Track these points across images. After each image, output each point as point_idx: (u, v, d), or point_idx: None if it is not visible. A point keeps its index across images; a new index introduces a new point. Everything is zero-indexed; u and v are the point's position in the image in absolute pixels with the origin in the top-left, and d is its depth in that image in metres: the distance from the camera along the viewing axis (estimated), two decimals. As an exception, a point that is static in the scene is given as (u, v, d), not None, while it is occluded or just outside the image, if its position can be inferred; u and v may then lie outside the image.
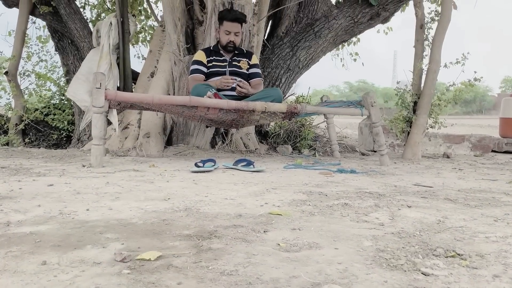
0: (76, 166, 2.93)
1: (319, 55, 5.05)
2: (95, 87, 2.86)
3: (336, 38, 5.04)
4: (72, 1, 4.60)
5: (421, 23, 3.89)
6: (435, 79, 3.87)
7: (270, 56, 4.83)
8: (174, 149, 4.12)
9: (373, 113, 3.34)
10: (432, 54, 3.83)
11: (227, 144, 4.33)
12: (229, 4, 3.92)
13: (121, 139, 4.28)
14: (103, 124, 2.93)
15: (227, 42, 3.69)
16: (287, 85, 4.93)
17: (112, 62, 4.35)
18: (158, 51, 4.63)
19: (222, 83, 3.48)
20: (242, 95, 3.56)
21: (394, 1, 4.98)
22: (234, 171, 2.69)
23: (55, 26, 4.84)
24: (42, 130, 4.92)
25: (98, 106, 2.88)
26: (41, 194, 1.76)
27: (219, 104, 3.10)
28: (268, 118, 3.44)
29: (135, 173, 2.51)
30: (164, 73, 4.38)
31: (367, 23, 5.09)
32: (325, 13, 4.96)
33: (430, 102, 3.91)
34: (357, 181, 2.41)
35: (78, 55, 4.86)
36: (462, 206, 1.75)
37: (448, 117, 12.58)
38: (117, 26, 4.37)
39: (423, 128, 3.94)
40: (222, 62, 3.72)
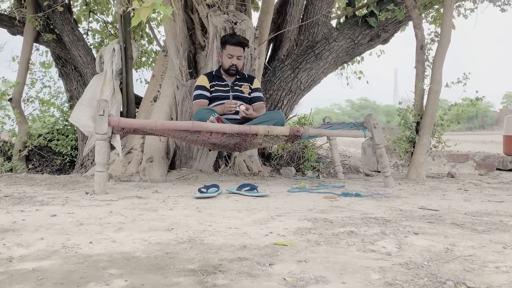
0: (79, 193, 2.92)
1: (320, 77, 5.08)
2: (98, 114, 2.87)
3: (337, 59, 5.08)
4: (75, 29, 4.67)
5: (421, 44, 3.92)
6: (437, 99, 3.88)
7: (271, 78, 4.86)
8: (178, 173, 4.11)
9: (376, 134, 3.33)
10: (433, 75, 3.84)
11: (230, 167, 4.32)
12: (230, 29, 3.97)
13: (124, 164, 4.27)
14: (106, 151, 2.93)
15: (230, 65, 3.71)
16: (289, 107, 4.95)
17: (115, 87, 4.39)
18: (161, 76, 4.67)
19: (226, 108, 3.49)
20: (245, 119, 3.58)
21: (394, 23, 5.03)
22: (238, 196, 2.68)
23: (59, 52, 4.90)
24: (45, 156, 4.93)
25: (101, 133, 2.88)
26: (44, 225, 1.75)
27: (222, 129, 3.10)
28: (271, 141, 3.44)
29: (139, 201, 2.50)
30: (167, 97, 4.40)
31: (367, 44, 5.14)
32: (325, 35, 5.01)
33: (432, 122, 3.90)
34: (362, 205, 2.39)
35: (82, 81, 4.91)
36: (469, 231, 1.73)
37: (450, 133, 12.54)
38: (120, 52, 4.42)
39: (426, 148, 3.93)
40: (224, 87, 3.74)
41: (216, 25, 3.97)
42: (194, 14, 4.38)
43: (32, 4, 4.71)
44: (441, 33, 3.87)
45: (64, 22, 4.57)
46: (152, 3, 2.56)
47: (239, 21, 4.03)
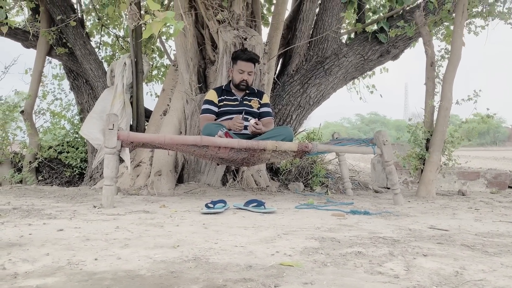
0: (87, 206, 2.93)
1: (330, 92, 5.08)
2: (108, 128, 2.89)
3: (346, 75, 5.08)
4: (87, 43, 4.74)
5: (431, 61, 3.91)
6: (447, 116, 3.85)
7: (280, 93, 4.87)
8: (185, 187, 4.11)
9: (385, 151, 3.31)
10: (444, 92, 3.82)
11: (238, 181, 4.31)
12: (240, 45, 3.99)
13: (132, 177, 4.29)
14: (115, 165, 2.94)
15: (240, 81, 3.73)
16: (298, 122, 4.94)
17: (125, 101, 4.43)
18: (171, 90, 4.70)
19: (234, 124, 3.50)
20: (254, 134, 3.58)
21: (404, 39, 5.03)
22: (245, 212, 2.66)
23: (71, 66, 4.97)
24: (55, 168, 4.96)
25: (110, 147, 2.90)
26: (50, 240, 1.75)
27: (230, 144, 3.10)
28: (279, 157, 3.43)
29: (146, 215, 2.50)
30: (176, 111, 4.43)
31: (377, 60, 5.14)
32: (335, 51, 5.02)
33: (443, 139, 3.87)
34: (371, 224, 2.36)
35: (93, 94, 4.96)
36: (480, 253, 1.69)
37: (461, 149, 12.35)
38: (131, 66, 4.46)
39: (436, 166, 3.88)
40: (233, 101, 3.76)
41: (226, 41, 4.00)
42: (205, 30, 4.42)
43: (46, 18, 4.79)
44: (451, 50, 3.85)
45: (77, 36, 4.64)
46: (164, 17, 2.59)
47: (249, 37, 4.05)
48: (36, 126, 5.12)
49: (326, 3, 5.08)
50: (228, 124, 3.57)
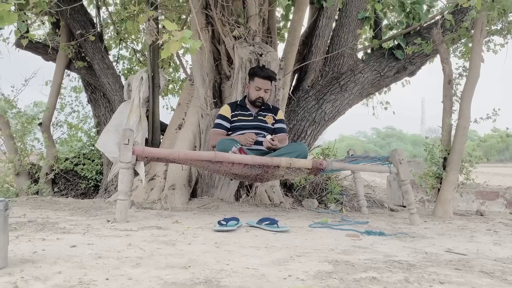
0: (101, 220, 2.94)
1: (345, 108, 5.06)
2: (123, 143, 2.91)
3: (362, 91, 5.06)
4: (105, 57, 4.82)
5: (448, 78, 3.86)
6: (465, 135, 3.78)
7: (295, 108, 4.86)
8: (199, 201, 4.10)
9: (401, 170, 3.26)
10: (461, 110, 3.76)
11: (252, 197, 4.29)
12: (256, 60, 4.01)
13: (147, 190, 4.31)
14: (129, 179, 2.96)
15: (257, 97, 3.74)
16: (312, 138, 4.92)
17: (141, 115, 4.47)
18: (186, 104, 4.73)
19: (246, 139, 3.50)
20: (269, 149, 3.57)
21: (421, 55, 4.99)
22: (257, 231, 2.64)
23: (89, 79, 5.05)
24: (70, 180, 5.01)
25: (125, 162, 2.91)
26: (63, 257, 1.76)
27: (244, 160, 3.09)
28: (293, 174, 3.41)
29: (158, 232, 2.49)
30: (191, 125, 4.45)
31: (393, 76, 5.10)
32: (351, 67, 5.01)
33: (460, 158, 3.80)
34: (386, 245, 2.31)
35: (109, 107, 5.02)
36: (499, 281, 1.64)
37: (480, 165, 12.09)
38: (148, 80, 4.51)
39: (454, 185, 3.81)
40: (248, 117, 3.76)
41: (242, 57, 4.02)
42: (221, 45, 4.46)
43: (66, 33, 4.89)
44: (469, 68, 3.80)
45: (95, 51, 4.72)
46: (181, 37, 2.61)
47: (265, 53, 4.07)
48: (54, 138, 5.20)
49: (342, 19, 5.08)
50: (239, 138, 3.57)
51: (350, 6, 5.05)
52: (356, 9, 5.04)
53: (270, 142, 3.53)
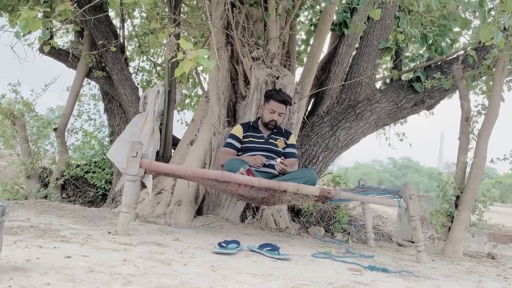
0: (102, 231, 2.92)
1: (360, 137, 5.00)
2: (131, 155, 2.91)
3: (378, 121, 5.00)
4: (124, 68, 4.88)
5: (466, 115, 3.79)
6: (480, 174, 3.68)
7: (309, 133, 4.83)
8: (204, 219, 4.06)
9: (411, 206, 3.18)
10: (478, 149, 3.67)
11: (257, 219, 4.24)
12: (272, 83, 4.00)
13: (153, 204, 4.29)
14: (134, 192, 2.94)
15: (270, 120, 3.73)
16: (324, 164, 4.86)
17: (155, 128, 4.49)
18: (200, 121, 4.74)
19: (255, 160, 3.48)
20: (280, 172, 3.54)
21: (440, 90, 4.94)
22: (257, 256, 2.58)
23: (107, 89, 5.12)
24: (79, 187, 5.04)
25: (132, 174, 2.91)
26: (55, 268, 1.73)
27: (250, 182, 3.05)
28: (300, 200, 3.36)
29: (156, 248, 2.46)
30: (203, 142, 4.45)
31: (411, 108, 5.05)
32: (368, 96, 4.97)
33: (474, 198, 3.69)
34: (388, 284, 2.23)
35: (124, 118, 5.07)
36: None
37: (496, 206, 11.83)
38: (164, 94, 4.55)
39: (465, 225, 3.70)
40: (259, 139, 3.74)
41: (258, 78, 4.03)
42: (239, 65, 4.48)
43: (89, 42, 4.99)
44: (488, 106, 3.73)
45: (115, 62, 4.79)
46: (195, 56, 2.62)
47: (281, 76, 4.07)
48: (68, 144, 5.26)
49: (363, 48, 5.07)
50: (249, 159, 3.54)
51: (372, 35, 5.04)
52: (377, 38, 5.03)
53: (283, 163, 3.50)
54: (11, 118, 4.80)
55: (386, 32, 5.08)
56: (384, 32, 5.07)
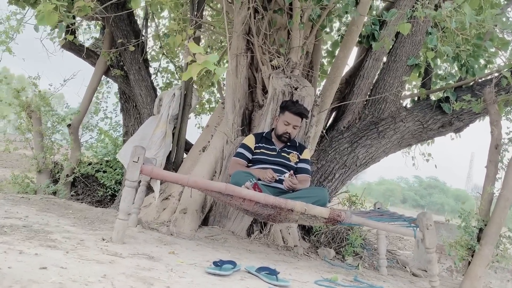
0: (98, 236, 2.80)
1: (380, 156, 4.75)
2: (132, 160, 2.78)
3: (402, 141, 4.74)
4: (142, 69, 4.79)
5: (496, 143, 3.51)
6: (507, 207, 3.39)
7: (327, 148, 4.61)
8: (208, 230, 3.90)
9: (428, 237, 2.93)
10: (506, 179, 3.39)
11: (265, 235, 4.05)
12: (289, 94, 3.82)
13: (158, 210, 4.16)
14: (132, 199, 2.81)
15: (284, 132, 3.55)
16: (340, 182, 4.63)
17: (167, 131, 4.37)
18: (214, 127, 4.59)
19: (264, 175, 3.30)
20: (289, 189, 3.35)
21: (470, 113, 4.64)
22: (253, 280, 2.39)
23: (124, 88, 5.05)
24: (89, 185, 4.96)
25: (131, 180, 2.78)
26: (22, 281, 1.59)
27: (255, 197, 2.88)
28: (308, 220, 3.15)
29: (146, 263, 2.30)
30: (215, 149, 4.30)
31: (437, 130, 4.76)
32: (392, 114, 4.72)
33: (498, 233, 3.40)
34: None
35: (139, 119, 4.98)
36: None
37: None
38: (180, 98, 4.42)
39: (487, 261, 3.40)
40: (271, 151, 3.56)
41: (275, 88, 3.85)
42: (258, 73, 4.32)
43: (109, 40, 4.93)
44: (522, 134, 3.44)
45: (133, 61, 4.71)
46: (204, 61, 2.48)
47: (300, 87, 3.88)
48: (81, 141, 5.20)
49: (390, 63, 4.83)
50: (259, 172, 3.37)
51: (401, 50, 4.80)
52: (406, 54, 4.79)
53: (291, 181, 3.31)
54: (28, 111, 4.77)
55: (416, 48, 4.83)
56: (414, 48, 4.82)
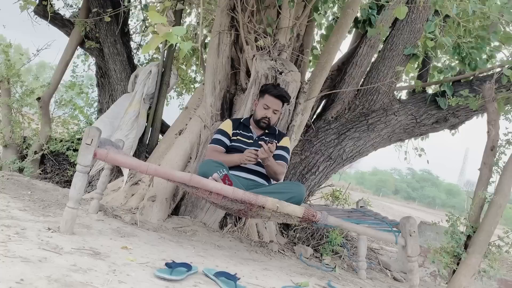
0: (46, 224, 2.52)
1: (368, 150, 4.47)
2: (85, 142, 2.48)
3: (392, 135, 4.45)
4: (118, 42, 4.44)
5: (492, 144, 3.23)
6: (500, 215, 3.13)
7: (312, 139, 4.33)
8: (178, 221, 3.63)
9: (410, 244, 2.66)
10: (500, 185, 3.12)
11: (239, 228, 3.78)
12: (273, 78, 3.51)
13: (126, 195, 3.88)
14: (84, 185, 2.52)
15: (262, 117, 3.24)
16: (324, 175, 4.35)
17: (141, 111, 4.06)
18: (194, 109, 4.29)
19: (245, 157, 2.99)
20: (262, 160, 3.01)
21: (467, 109, 4.35)
22: (208, 287, 2.12)
23: (99, 62, 4.70)
24: (58, 164, 4.66)
25: (83, 165, 2.48)
26: None
27: (223, 191, 2.58)
28: (281, 218, 2.87)
29: (86, 261, 2.02)
30: (191, 134, 4.00)
31: (430, 125, 4.48)
32: (384, 106, 4.43)
33: (488, 241, 3.15)
34: None
35: (114, 96, 4.65)
36: None
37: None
38: (156, 75, 4.10)
39: (473, 271, 3.16)
40: (247, 139, 3.26)
41: (258, 70, 3.54)
42: (242, 54, 3.99)
43: (86, 8, 4.57)
44: (521, 136, 3.16)
45: (108, 33, 4.36)
46: (164, 33, 2.16)
47: (285, 71, 3.57)
48: (54, 117, 4.88)
49: (386, 52, 4.52)
50: (239, 158, 3.06)
51: (398, 38, 4.48)
52: (403, 42, 4.47)
53: (270, 148, 2.90)
54: (-5, 81, 4.43)
55: (415, 37, 4.50)
56: (412, 36, 4.50)
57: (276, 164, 3.09)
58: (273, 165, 3.05)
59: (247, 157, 3.02)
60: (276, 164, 3.09)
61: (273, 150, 2.93)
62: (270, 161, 3.01)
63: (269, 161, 3.00)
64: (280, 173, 3.13)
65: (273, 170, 3.07)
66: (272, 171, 3.07)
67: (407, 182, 72.26)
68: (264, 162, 3.01)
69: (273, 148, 2.92)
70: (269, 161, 3.01)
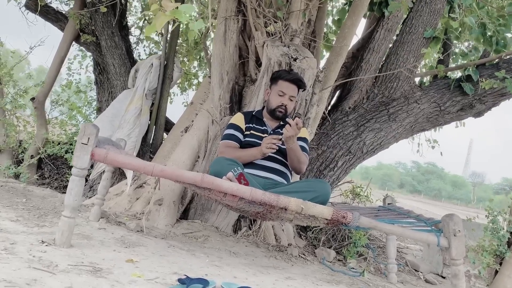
0: (40, 236, 2.21)
1: (390, 142, 4.14)
2: (81, 141, 2.16)
3: (415, 125, 4.12)
4: (115, 34, 4.11)
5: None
6: (548, 208, 2.80)
7: (329, 132, 4.00)
8: (188, 225, 3.31)
9: (454, 245, 2.33)
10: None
11: (254, 231, 3.46)
12: (287, 65, 3.18)
13: (131, 199, 3.57)
14: (80, 190, 2.20)
15: (278, 105, 2.89)
16: (343, 171, 4.03)
17: (143, 108, 3.74)
18: (200, 104, 3.97)
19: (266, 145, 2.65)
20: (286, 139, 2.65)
21: (494, 94, 4.02)
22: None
23: (97, 58, 4.38)
24: (57, 168, 4.35)
25: (79, 168, 2.16)
26: None
27: (239, 192, 2.26)
28: (305, 221, 2.55)
29: (85, 281, 1.70)
30: (198, 130, 3.68)
31: (456, 113, 4.14)
32: (405, 93, 4.10)
33: (535, 238, 2.82)
34: None
35: (113, 93, 4.33)
36: None
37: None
38: (159, 69, 3.78)
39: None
40: (262, 133, 2.93)
41: (270, 57, 3.21)
42: (251, 41, 3.67)
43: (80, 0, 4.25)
44: None
45: (105, 25, 4.04)
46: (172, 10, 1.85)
47: (300, 58, 3.24)
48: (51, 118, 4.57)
49: (404, 35, 4.18)
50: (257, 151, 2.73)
51: (417, 20, 4.14)
52: (423, 25, 4.13)
53: (297, 124, 2.53)
54: (-13, 81, 4.12)
55: (435, 18, 4.16)
56: (432, 18, 4.16)
57: (300, 150, 2.76)
58: (298, 149, 2.71)
59: (267, 144, 2.67)
60: (300, 150, 2.76)
61: (301, 126, 2.56)
62: (296, 143, 2.67)
63: (294, 143, 2.66)
64: (303, 162, 2.79)
65: (297, 157, 2.72)
66: (296, 157, 2.72)
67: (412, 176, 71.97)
68: (289, 143, 2.65)
69: (300, 124, 2.55)
70: (295, 143, 2.66)
